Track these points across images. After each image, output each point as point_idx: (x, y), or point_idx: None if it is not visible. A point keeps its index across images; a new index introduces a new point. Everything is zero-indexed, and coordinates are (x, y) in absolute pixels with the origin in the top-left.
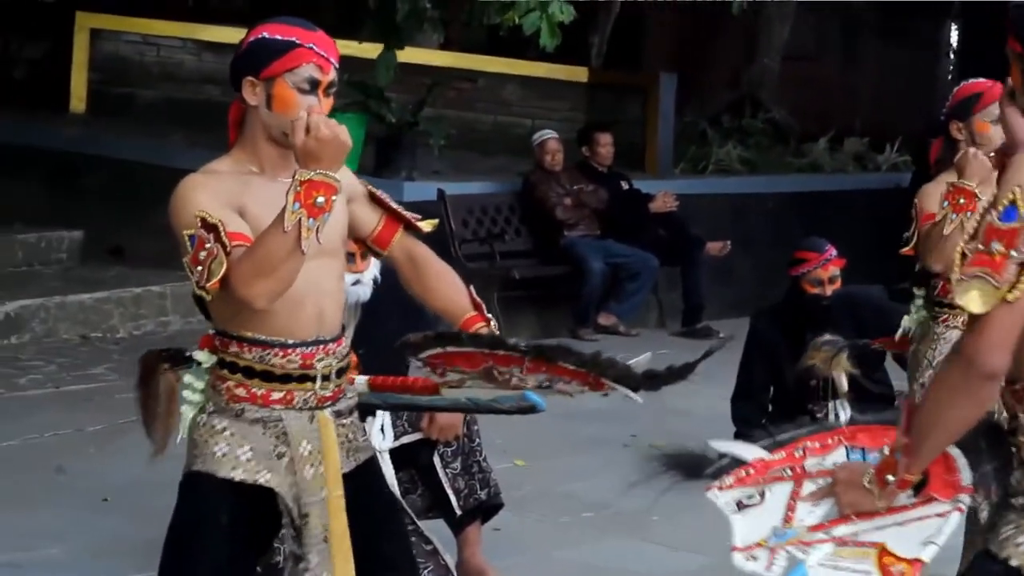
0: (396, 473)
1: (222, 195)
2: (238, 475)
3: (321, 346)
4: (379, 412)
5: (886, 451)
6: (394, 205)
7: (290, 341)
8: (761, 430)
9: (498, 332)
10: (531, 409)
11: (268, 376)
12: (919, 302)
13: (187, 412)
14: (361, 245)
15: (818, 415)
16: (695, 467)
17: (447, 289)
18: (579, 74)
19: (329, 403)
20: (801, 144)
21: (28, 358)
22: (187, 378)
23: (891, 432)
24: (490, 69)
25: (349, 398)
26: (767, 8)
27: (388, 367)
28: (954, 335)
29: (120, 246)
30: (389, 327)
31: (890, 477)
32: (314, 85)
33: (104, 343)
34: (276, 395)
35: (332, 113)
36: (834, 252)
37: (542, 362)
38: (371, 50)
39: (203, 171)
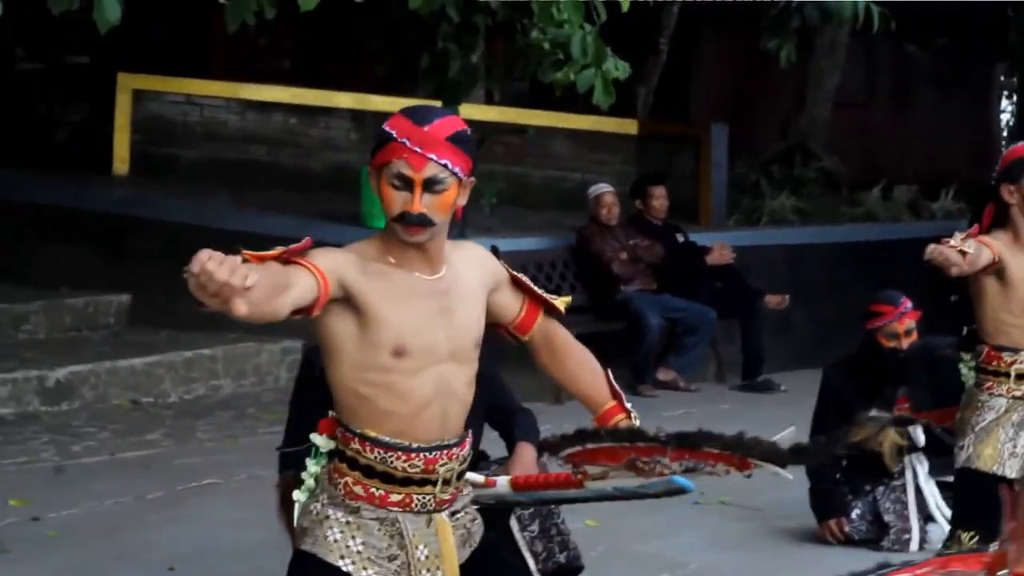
0: None
1: (337, 262)
2: (347, 565)
3: (444, 451)
4: None
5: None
6: (534, 288)
7: (413, 445)
8: (836, 484)
9: (638, 423)
10: (680, 491)
11: (388, 478)
12: (966, 367)
13: (300, 496)
14: (504, 332)
15: (895, 469)
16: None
17: (587, 376)
18: (628, 126)
19: (447, 505)
20: (853, 193)
21: (80, 424)
22: (306, 461)
23: (985, 556)
24: (538, 123)
25: (466, 495)
26: (816, 56)
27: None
28: (999, 403)
29: None
30: None
31: (1002, 573)
32: (406, 182)
33: (156, 408)
34: (394, 497)
35: None
36: (909, 305)
37: (685, 449)
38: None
39: (343, 248)
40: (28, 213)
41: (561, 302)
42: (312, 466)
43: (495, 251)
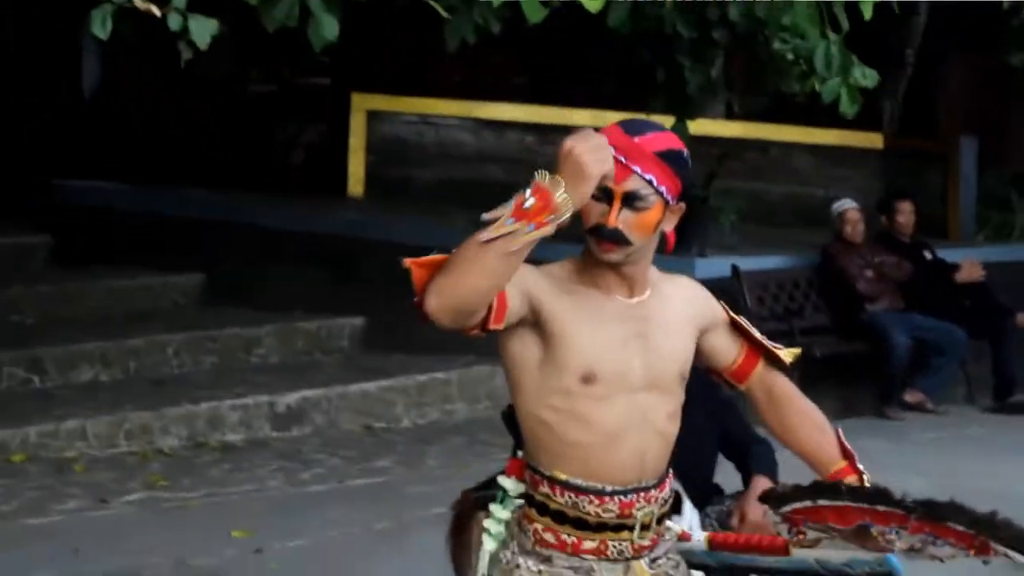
0: None
1: (524, 277)
2: None
3: (642, 493)
4: (686, 509)
5: None
6: (755, 334)
7: (608, 488)
8: None
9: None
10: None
11: (580, 524)
12: None
13: (489, 545)
14: (719, 378)
15: None
16: None
17: (813, 432)
18: (874, 141)
19: (646, 552)
20: None
21: (310, 451)
22: (492, 507)
23: None
24: (780, 138)
25: (667, 540)
26: None
27: (692, 463)
28: None
29: None
30: (695, 420)
31: None
32: (606, 193)
33: (388, 434)
34: (588, 544)
35: None
36: None
37: (930, 521)
38: (662, 122)
39: (540, 268)
40: (262, 237)
41: (788, 354)
42: (500, 512)
43: (735, 270)
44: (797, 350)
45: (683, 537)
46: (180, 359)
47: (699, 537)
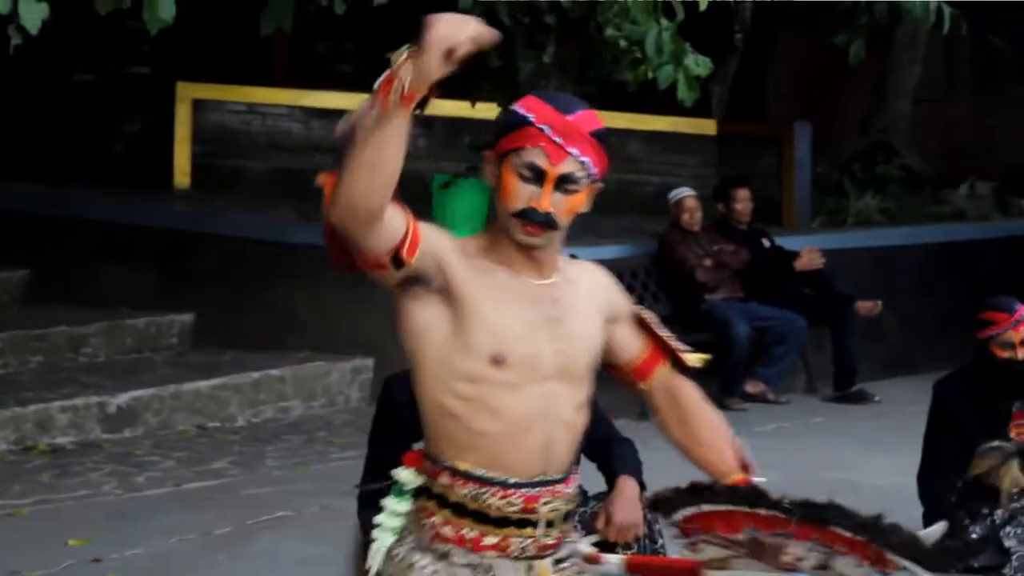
0: None
1: (438, 235)
2: None
3: (547, 487)
4: None
5: None
6: (662, 333)
7: (511, 480)
8: (952, 508)
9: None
10: None
11: (481, 517)
12: None
13: (383, 539)
14: (617, 373)
15: (1007, 508)
16: None
17: (715, 442)
18: (707, 127)
19: (551, 551)
20: (937, 191)
21: (144, 453)
22: (387, 500)
23: None
24: (613, 125)
25: (572, 541)
26: (895, 50)
27: None
28: None
29: None
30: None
31: None
32: (538, 174)
33: (223, 434)
34: (489, 540)
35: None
36: None
37: (812, 526)
38: (494, 111)
39: (454, 238)
40: (85, 230)
41: (696, 359)
42: (395, 504)
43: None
44: (705, 355)
45: (594, 559)
46: (5, 359)
47: (613, 560)
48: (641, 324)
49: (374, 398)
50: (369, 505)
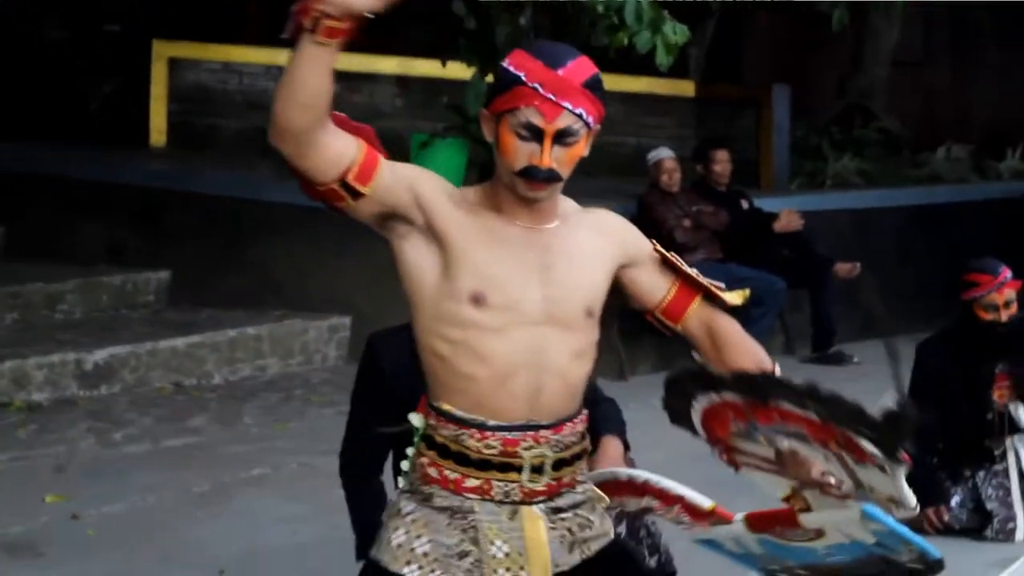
0: None
1: (419, 173)
2: (411, 572)
3: (530, 432)
4: None
5: None
6: (689, 271)
7: (490, 422)
8: (933, 470)
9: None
10: (937, 566)
11: (462, 459)
12: None
13: (402, 484)
14: (651, 319)
15: (996, 452)
16: None
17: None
18: (685, 88)
19: (542, 498)
20: (915, 153)
21: (121, 411)
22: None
23: None
24: None
25: (579, 492)
26: (873, 15)
27: None
28: None
29: None
30: None
31: None
32: (535, 133)
33: (200, 391)
34: (471, 482)
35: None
36: (1009, 274)
37: (765, 406)
38: (469, 72)
39: (444, 183)
40: (61, 188)
41: (737, 296)
42: (409, 449)
43: None
44: (747, 292)
45: (723, 517)
46: None
47: (739, 518)
48: (667, 264)
49: (352, 356)
50: (351, 467)
